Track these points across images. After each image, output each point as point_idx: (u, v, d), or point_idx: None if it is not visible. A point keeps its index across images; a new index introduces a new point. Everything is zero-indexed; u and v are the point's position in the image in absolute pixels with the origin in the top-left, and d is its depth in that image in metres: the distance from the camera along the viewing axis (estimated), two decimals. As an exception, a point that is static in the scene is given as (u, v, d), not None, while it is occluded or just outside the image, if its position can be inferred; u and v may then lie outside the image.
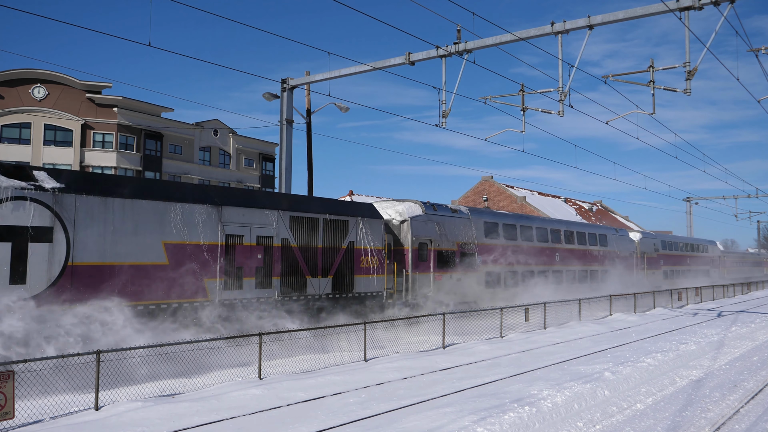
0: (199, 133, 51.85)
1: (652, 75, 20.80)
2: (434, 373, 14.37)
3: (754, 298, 46.14)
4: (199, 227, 15.75)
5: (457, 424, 9.30)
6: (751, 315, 29.61)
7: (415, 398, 11.60)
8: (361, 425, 9.76)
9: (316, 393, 12.02)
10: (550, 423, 10.01)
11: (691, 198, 76.03)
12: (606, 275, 37.66)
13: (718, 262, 62.66)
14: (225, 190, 17.84)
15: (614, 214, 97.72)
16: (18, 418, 9.99)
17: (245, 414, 10.46)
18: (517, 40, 22.35)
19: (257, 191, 17.01)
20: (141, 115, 46.87)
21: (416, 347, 18.50)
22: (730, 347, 18.91)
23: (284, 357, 15.37)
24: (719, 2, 18.73)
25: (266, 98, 30.45)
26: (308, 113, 32.62)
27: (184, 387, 12.52)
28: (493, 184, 79.67)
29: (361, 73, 27.59)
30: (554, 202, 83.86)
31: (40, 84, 44.10)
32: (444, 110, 23.77)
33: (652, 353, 16.54)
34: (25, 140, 43.72)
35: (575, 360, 16.20)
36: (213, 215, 16.09)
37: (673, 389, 13.00)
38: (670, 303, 37.23)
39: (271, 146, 58.41)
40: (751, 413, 11.03)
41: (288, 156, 30.39)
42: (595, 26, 21.02)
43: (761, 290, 60.91)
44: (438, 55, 24.05)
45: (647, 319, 28.10)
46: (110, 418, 10.01)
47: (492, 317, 22.54)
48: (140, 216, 14.58)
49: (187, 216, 15.50)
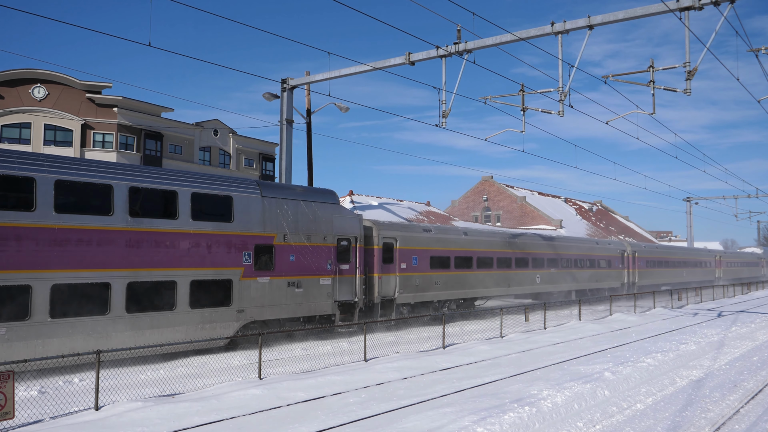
0: (199, 133, 51.84)
1: (652, 75, 20.80)
2: (434, 373, 14.36)
3: (754, 298, 46.13)
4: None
5: (457, 424, 9.30)
6: (751, 315, 29.60)
7: (415, 398, 11.60)
8: (361, 425, 9.76)
9: (316, 393, 12.02)
10: (550, 423, 10.00)
11: (691, 198, 76.04)
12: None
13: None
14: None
15: (614, 214, 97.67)
16: (18, 418, 9.99)
17: (245, 414, 10.46)
18: (517, 40, 22.35)
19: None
20: (141, 115, 46.86)
21: (416, 347, 18.51)
22: (730, 347, 18.90)
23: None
24: (719, 2, 18.74)
25: (266, 98, 30.46)
26: (308, 113, 32.61)
27: (184, 387, 12.53)
28: (493, 184, 79.64)
29: (361, 73, 27.59)
30: (554, 202, 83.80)
31: (40, 84, 44.08)
32: (444, 110, 23.77)
33: (652, 353, 16.53)
34: (25, 140, 43.70)
35: (575, 360, 16.20)
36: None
37: (673, 389, 12.99)
38: (670, 303, 37.23)
39: (271, 146, 58.41)
40: (751, 413, 11.03)
41: (288, 156, 30.39)
42: (595, 26, 21.03)
43: (761, 290, 60.91)
44: (438, 55, 24.06)
45: (647, 319, 28.09)
46: (110, 418, 10.01)
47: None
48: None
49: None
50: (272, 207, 18.73)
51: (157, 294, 15.49)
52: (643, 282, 45.71)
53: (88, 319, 14.13)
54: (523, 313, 28.72)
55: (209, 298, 16.69)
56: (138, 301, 15.07)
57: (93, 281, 14.32)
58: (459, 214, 76.71)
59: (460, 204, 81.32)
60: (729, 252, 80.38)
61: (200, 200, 16.69)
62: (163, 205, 16.00)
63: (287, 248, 19.01)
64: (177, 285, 15.84)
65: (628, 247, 44.34)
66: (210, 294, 16.72)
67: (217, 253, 16.95)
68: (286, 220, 19.08)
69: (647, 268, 47.05)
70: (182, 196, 16.24)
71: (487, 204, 79.12)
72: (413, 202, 65.69)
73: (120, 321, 14.65)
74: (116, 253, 14.76)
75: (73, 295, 13.94)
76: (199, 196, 16.66)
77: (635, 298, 32.70)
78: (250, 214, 18.01)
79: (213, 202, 17.09)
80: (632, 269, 44.12)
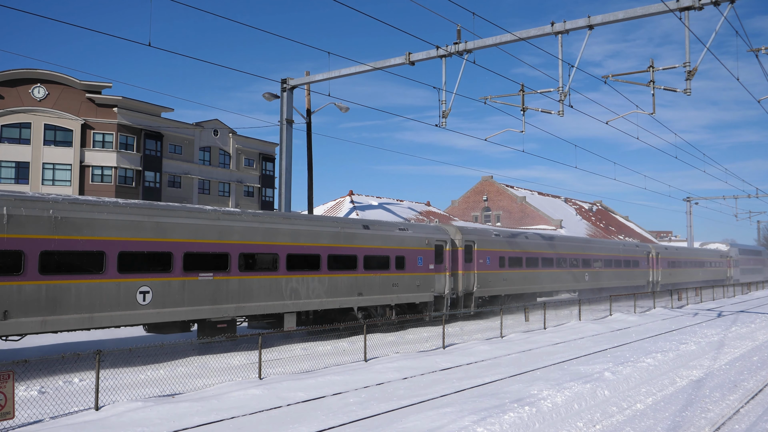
0: (199, 133, 51.85)
1: (652, 75, 20.80)
2: (434, 373, 14.37)
3: (754, 298, 46.15)
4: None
5: (457, 424, 9.30)
6: (751, 315, 29.61)
7: (415, 398, 11.60)
8: (361, 425, 9.76)
9: (316, 393, 12.02)
10: (550, 423, 10.00)
11: (691, 198, 76.00)
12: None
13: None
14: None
15: (614, 214, 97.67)
16: (18, 418, 9.99)
17: (245, 414, 10.46)
18: (517, 40, 22.35)
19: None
20: (141, 115, 46.87)
21: (416, 347, 18.51)
22: (730, 347, 18.89)
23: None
24: (719, 2, 18.74)
25: (266, 98, 30.46)
26: (308, 113, 32.61)
27: (184, 387, 12.53)
28: (494, 184, 79.64)
29: (361, 73, 27.60)
30: (554, 202, 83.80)
31: (40, 84, 44.10)
32: (444, 110, 23.77)
33: (652, 353, 16.53)
34: (25, 140, 43.72)
35: (575, 360, 16.20)
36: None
37: (673, 389, 12.99)
38: (670, 303, 37.23)
39: (271, 146, 58.41)
40: (751, 413, 11.03)
41: (288, 156, 30.39)
42: (595, 26, 21.03)
43: (761, 290, 60.94)
44: (438, 55, 24.05)
45: (647, 319, 28.09)
46: (110, 418, 10.01)
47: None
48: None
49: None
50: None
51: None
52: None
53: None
54: (523, 313, 28.76)
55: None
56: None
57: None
58: (459, 214, 76.71)
59: (460, 204, 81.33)
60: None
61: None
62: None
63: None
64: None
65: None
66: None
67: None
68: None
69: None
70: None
71: (487, 204, 79.13)
72: (413, 202, 65.70)
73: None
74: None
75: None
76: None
77: (635, 297, 32.73)
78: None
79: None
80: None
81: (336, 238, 20.89)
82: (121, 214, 15.06)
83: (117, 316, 14.78)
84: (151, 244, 15.55)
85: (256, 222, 18.39)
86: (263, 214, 19.19)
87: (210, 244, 16.90)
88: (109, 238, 14.70)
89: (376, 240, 22.59)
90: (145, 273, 15.38)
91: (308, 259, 19.76)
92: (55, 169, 44.19)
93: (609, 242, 45.08)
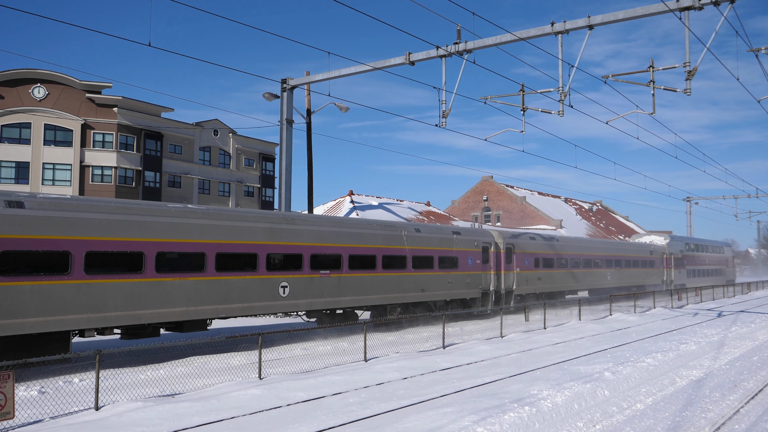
0: (199, 133, 51.84)
1: (652, 75, 20.80)
2: (434, 373, 14.36)
3: (754, 298, 46.16)
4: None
5: (457, 424, 9.30)
6: (751, 315, 29.61)
7: (415, 398, 11.60)
8: (361, 425, 9.75)
9: (316, 393, 12.02)
10: (550, 423, 10.00)
11: (691, 198, 76.07)
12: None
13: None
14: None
15: (614, 214, 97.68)
16: (18, 418, 9.99)
17: (245, 414, 10.46)
18: (517, 40, 22.35)
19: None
20: (141, 115, 46.85)
21: (416, 347, 18.51)
22: (730, 347, 18.89)
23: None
24: (719, 2, 18.74)
25: (266, 98, 30.47)
26: (308, 113, 32.62)
27: (184, 387, 12.53)
28: (493, 184, 79.63)
29: (361, 73, 27.61)
30: (554, 202, 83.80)
31: (40, 84, 44.08)
32: (444, 110, 23.78)
33: (652, 353, 16.53)
34: (25, 140, 43.71)
35: (575, 360, 16.20)
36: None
37: (673, 389, 12.99)
38: (670, 303, 37.24)
39: (271, 146, 58.39)
40: (751, 413, 11.02)
41: (288, 156, 30.40)
42: (595, 26, 21.03)
43: (761, 290, 60.93)
44: (438, 55, 24.06)
45: (647, 318, 28.09)
46: (110, 418, 10.01)
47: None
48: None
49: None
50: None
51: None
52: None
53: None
54: (523, 313, 28.79)
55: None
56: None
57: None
58: (459, 214, 76.71)
59: (460, 204, 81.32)
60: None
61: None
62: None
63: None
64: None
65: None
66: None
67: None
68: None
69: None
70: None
71: (487, 204, 79.13)
72: (413, 202, 65.67)
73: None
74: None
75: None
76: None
77: (635, 297, 32.74)
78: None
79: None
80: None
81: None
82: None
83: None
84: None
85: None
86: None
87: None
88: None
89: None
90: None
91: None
92: (55, 169, 44.19)
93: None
